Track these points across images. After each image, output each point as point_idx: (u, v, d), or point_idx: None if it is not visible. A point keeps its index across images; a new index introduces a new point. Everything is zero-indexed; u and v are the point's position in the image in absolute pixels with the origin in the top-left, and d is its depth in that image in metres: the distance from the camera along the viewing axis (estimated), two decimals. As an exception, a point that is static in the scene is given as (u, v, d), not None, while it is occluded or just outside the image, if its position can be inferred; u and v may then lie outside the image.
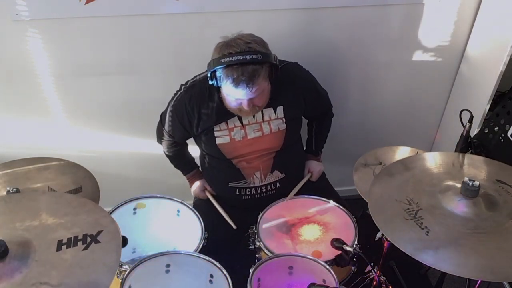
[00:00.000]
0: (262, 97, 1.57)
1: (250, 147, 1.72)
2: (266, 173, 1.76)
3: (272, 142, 1.73)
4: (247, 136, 1.70)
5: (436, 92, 2.33)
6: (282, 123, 1.71)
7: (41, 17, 1.81)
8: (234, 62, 1.44)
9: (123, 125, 2.19)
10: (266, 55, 1.48)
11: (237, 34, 1.51)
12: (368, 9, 1.99)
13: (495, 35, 1.95)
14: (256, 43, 1.48)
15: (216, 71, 1.48)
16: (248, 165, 1.74)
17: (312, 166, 1.93)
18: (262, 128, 1.70)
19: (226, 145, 1.71)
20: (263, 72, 1.49)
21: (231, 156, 1.73)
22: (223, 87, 1.52)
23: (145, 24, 1.90)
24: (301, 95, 1.72)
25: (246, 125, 1.69)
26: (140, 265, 1.38)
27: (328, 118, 1.97)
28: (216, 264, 1.41)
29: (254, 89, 1.48)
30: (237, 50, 1.45)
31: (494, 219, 1.24)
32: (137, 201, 1.69)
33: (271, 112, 1.70)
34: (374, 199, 1.35)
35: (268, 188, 1.79)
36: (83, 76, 2.00)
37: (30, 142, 2.16)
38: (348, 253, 1.45)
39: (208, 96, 1.64)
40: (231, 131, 1.69)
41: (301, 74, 1.75)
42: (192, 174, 1.92)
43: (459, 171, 1.44)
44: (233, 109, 1.60)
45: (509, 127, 1.86)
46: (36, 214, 1.17)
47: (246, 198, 1.80)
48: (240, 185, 1.77)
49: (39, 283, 0.99)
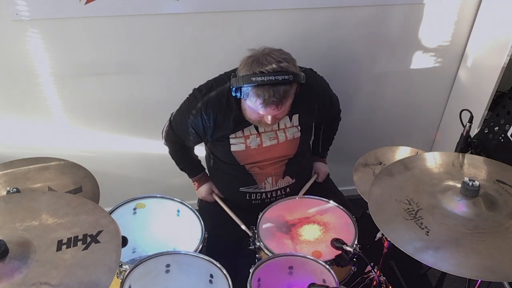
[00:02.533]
0: (285, 111, 1.56)
1: (265, 154, 1.72)
2: (278, 179, 1.78)
3: (286, 150, 1.74)
4: (263, 144, 1.69)
5: (436, 92, 2.33)
6: (297, 131, 1.72)
7: (41, 17, 1.81)
8: (266, 82, 1.42)
9: (123, 125, 2.19)
10: (297, 76, 1.47)
11: (267, 49, 1.48)
12: (368, 9, 2.00)
13: (495, 35, 1.95)
14: (287, 62, 1.46)
15: (244, 87, 1.46)
16: (261, 171, 1.75)
17: (318, 167, 1.95)
18: (277, 136, 1.70)
19: (240, 153, 1.70)
20: (292, 91, 1.49)
21: (244, 163, 1.73)
22: (250, 103, 1.49)
23: (145, 24, 1.90)
24: (315, 103, 1.72)
25: (262, 133, 1.68)
26: (140, 265, 1.38)
27: (336, 122, 1.97)
28: (216, 264, 1.41)
29: (282, 108, 1.49)
30: (269, 69, 1.42)
31: (494, 219, 1.24)
32: (137, 201, 1.69)
33: (287, 120, 1.70)
34: (374, 199, 1.35)
35: (278, 193, 1.80)
36: (83, 76, 2.00)
37: (30, 142, 2.15)
38: (348, 253, 1.45)
39: (226, 104, 1.60)
40: (247, 139, 1.68)
41: (317, 82, 1.73)
42: (199, 177, 1.90)
43: (459, 171, 1.44)
44: (252, 120, 1.60)
45: (509, 127, 1.86)
46: (36, 214, 1.17)
47: (256, 203, 1.80)
48: (252, 190, 1.77)
49: (39, 283, 0.99)
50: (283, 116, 1.60)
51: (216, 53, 1.98)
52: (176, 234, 1.67)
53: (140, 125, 2.20)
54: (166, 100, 1.93)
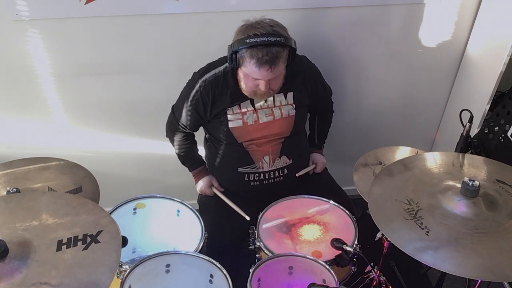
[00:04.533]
0: (278, 80, 1.64)
1: (261, 131, 1.77)
2: (275, 158, 1.81)
3: (282, 127, 1.79)
4: (259, 120, 1.76)
5: (436, 92, 2.33)
6: (292, 109, 1.78)
7: (41, 17, 1.81)
8: (259, 43, 1.51)
9: (123, 125, 2.19)
10: (289, 39, 1.57)
11: (260, 18, 1.60)
12: (368, 9, 2.00)
13: (495, 35, 1.95)
14: (279, 27, 1.58)
15: (239, 51, 1.55)
16: (258, 149, 1.79)
17: (316, 158, 1.99)
18: (273, 113, 1.76)
19: (238, 129, 1.76)
20: (284, 55, 1.57)
21: (242, 140, 1.78)
22: (245, 67, 1.58)
23: (145, 24, 1.90)
24: (309, 84, 1.81)
25: (259, 109, 1.75)
26: (140, 265, 1.38)
27: (329, 113, 2.05)
28: (216, 264, 1.41)
29: (275, 70, 1.56)
30: (262, 31, 1.53)
31: (494, 219, 1.24)
32: (137, 201, 1.69)
33: (282, 98, 1.77)
34: (374, 199, 1.35)
35: (276, 174, 1.83)
36: (83, 76, 2.00)
37: (30, 142, 2.15)
38: (348, 253, 1.45)
39: (223, 79, 1.71)
40: (244, 115, 1.75)
41: (310, 65, 1.85)
42: (199, 170, 1.94)
43: (459, 171, 1.44)
44: (248, 91, 1.66)
45: (509, 127, 1.86)
46: (36, 214, 1.17)
47: (255, 184, 1.82)
48: (249, 169, 1.80)
49: (39, 283, 0.99)
50: (276, 87, 1.66)
51: (216, 53, 1.98)
52: (176, 234, 1.67)
53: (140, 125, 2.20)
54: (166, 100, 1.93)
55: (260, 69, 1.54)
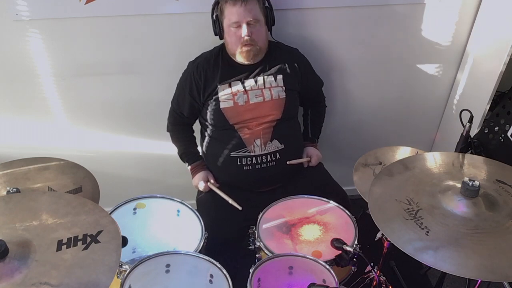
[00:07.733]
0: (259, 30, 1.75)
1: (252, 112, 1.83)
2: (266, 141, 1.84)
3: (272, 109, 1.85)
4: (250, 100, 1.83)
5: (436, 92, 2.33)
6: (282, 91, 1.85)
7: (41, 17, 1.81)
8: None
9: (123, 125, 2.19)
10: None
11: None
12: (368, 9, 2.00)
13: (495, 35, 1.95)
14: None
15: (219, 1, 1.72)
16: (249, 131, 1.84)
17: (310, 151, 2.01)
18: (263, 94, 1.84)
19: (229, 109, 1.82)
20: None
21: (234, 121, 1.83)
22: (225, 16, 1.72)
23: (145, 24, 1.91)
24: (299, 71, 1.90)
25: (249, 90, 1.83)
26: (140, 265, 1.38)
27: (322, 107, 2.11)
28: (216, 264, 1.41)
29: (249, 6, 1.68)
30: None
31: (494, 219, 1.24)
32: (137, 201, 1.69)
33: (272, 79, 1.85)
34: (374, 199, 1.35)
35: (268, 158, 1.85)
36: (83, 76, 2.00)
37: (30, 142, 2.16)
38: (348, 253, 1.45)
39: (214, 60, 1.85)
40: (235, 96, 1.82)
41: (301, 55, 1.95)
42: (197, 164, 1.96)
43: (459, 171, 1.44)
44: (234, 48, 1.76)
45: (509, 127, 1.86)
46: (36, 214, 1.17)
47: (248, 169, 1.85)
48: (242, 153, 1.84)
49: (39, 283, 0.99)
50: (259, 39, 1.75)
51: (216, 53, 1.98)
52: (176, 234, 1.67)
53: (140, 125, 2.20)
54: (166, 100, 1.93)
55: (235, 6, 1.67)
